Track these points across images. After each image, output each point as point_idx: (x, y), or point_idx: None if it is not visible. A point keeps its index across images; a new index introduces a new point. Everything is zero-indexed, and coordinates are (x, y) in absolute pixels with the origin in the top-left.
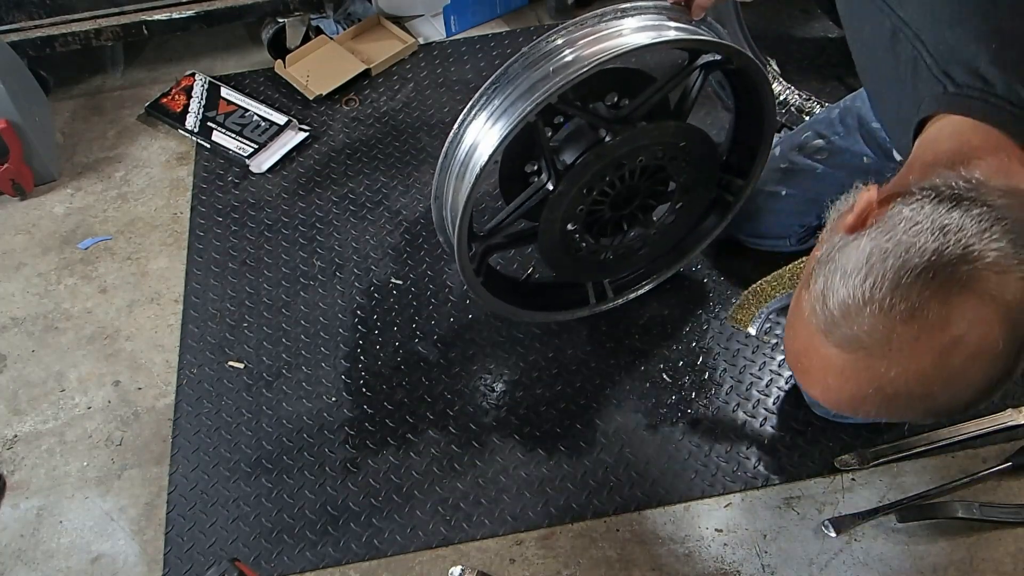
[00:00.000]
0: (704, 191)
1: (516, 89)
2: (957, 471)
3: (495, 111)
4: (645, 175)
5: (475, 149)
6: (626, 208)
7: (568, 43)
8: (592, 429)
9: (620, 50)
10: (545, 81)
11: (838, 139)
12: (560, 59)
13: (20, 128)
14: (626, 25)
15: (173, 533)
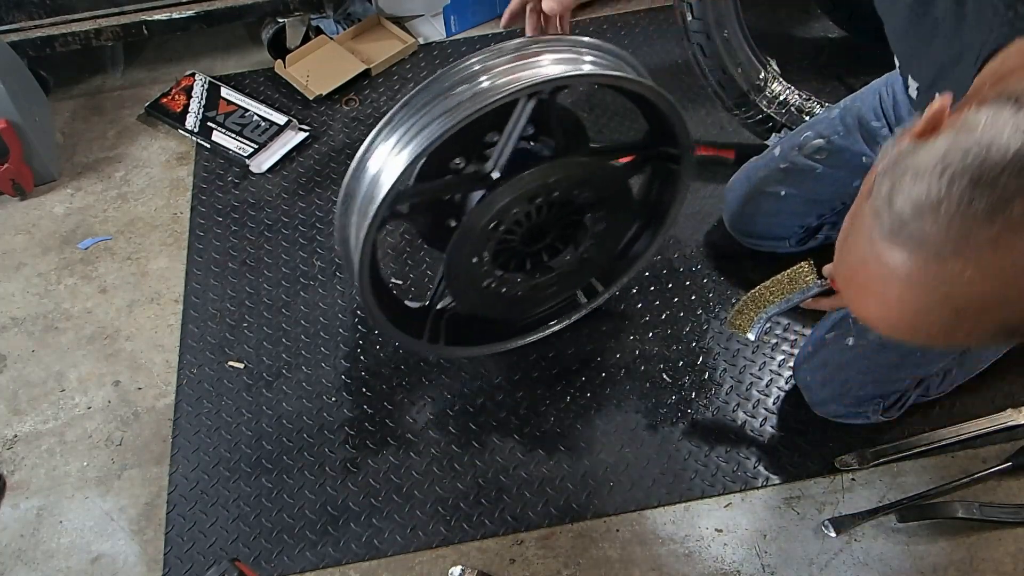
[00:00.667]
0: (619, 225)
1: (424, 117)
2: (957, 471)
3: (407, 133)
4: (558, 210)
5: (380, 175)
6: (539, 243)
7: (483, 71)
8: (592, 429)
9: (530, 81)
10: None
11: (838, 139)
12: (472, 88)
13: (20, 128)
14: (544, 57)
15: (173, 533)
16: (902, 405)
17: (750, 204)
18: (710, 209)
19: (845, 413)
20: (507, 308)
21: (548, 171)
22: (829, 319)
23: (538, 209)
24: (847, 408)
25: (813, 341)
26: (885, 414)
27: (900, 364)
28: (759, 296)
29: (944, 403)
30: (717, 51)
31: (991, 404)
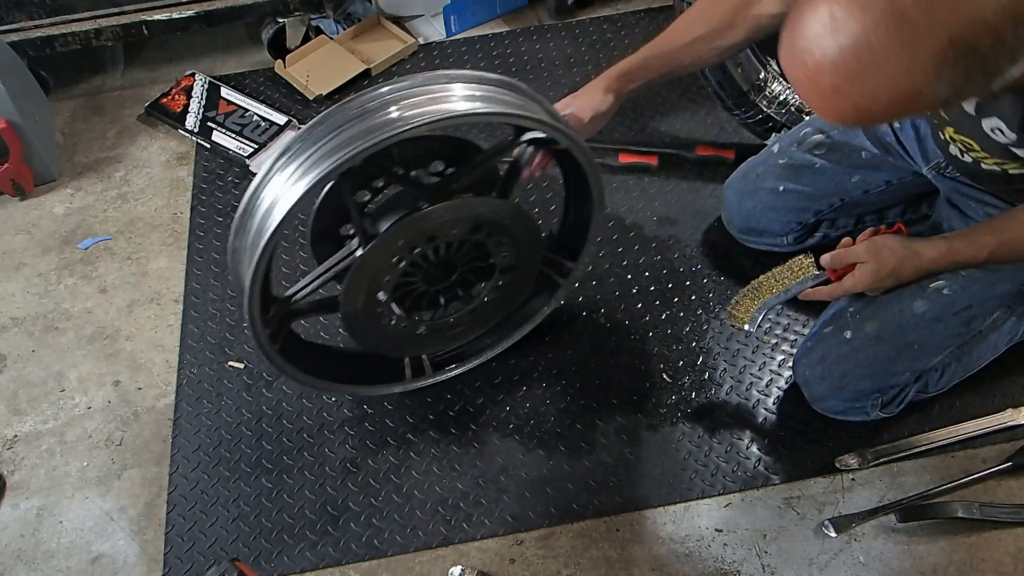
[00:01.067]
0: (528, 272)
1: (325, 146)
2: (957, 471)
3: (300, 167)
4: (463, 250)
5: (273, 207)
6: (443, 283)
7: (392, 102)
8: (592, 429)
9: (432, 117)
10: (351, 142)
11: (837, 133)
12: (377, 119)
13: (20, 128)
14: (455, 92)
15: (173, 533)
16: (901, 401)
17: (748, 200)
18: (710, 209)
19: (844, 409)
20: (414, 345)
21: (456, 207)
22: (827, 314)
23: (446, 246)
24: (846, 403)
25: (812, 336)
26: (884, 410)
27: (897, 357)
28: (758, 287)
29: (944, 403)
30: None
31: (991, 404)
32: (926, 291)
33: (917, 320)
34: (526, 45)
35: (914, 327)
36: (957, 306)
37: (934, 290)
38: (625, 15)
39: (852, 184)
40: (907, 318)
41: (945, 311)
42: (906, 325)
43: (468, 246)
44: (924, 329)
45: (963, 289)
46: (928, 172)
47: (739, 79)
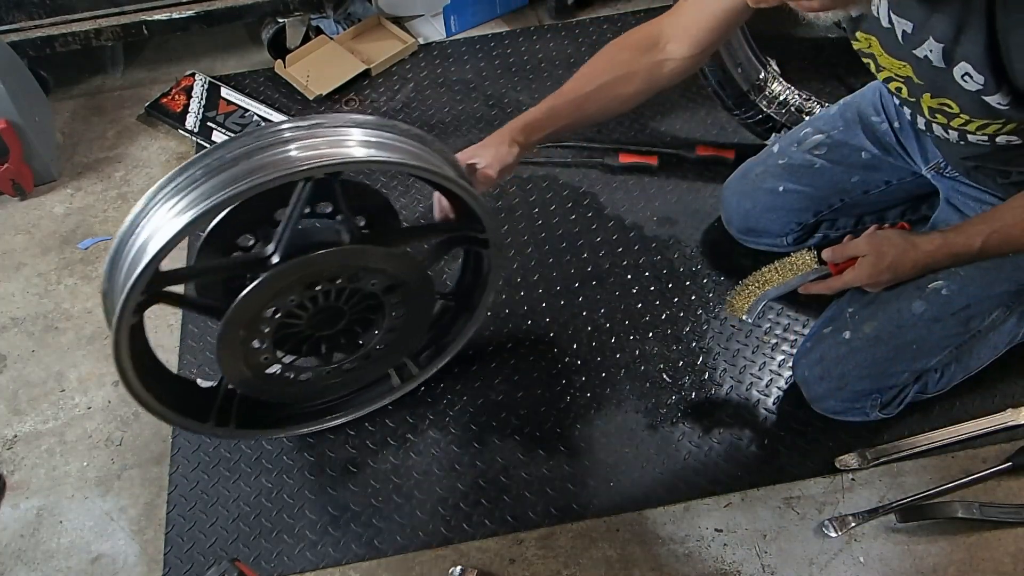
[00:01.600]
0: (415, 329)
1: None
2: (957, 471)
3: (185, 203)
4: (353, 299)
5: (149, 242)
6: (327, 329)
7: (292, 139)
8: (592, 429)
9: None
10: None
11: (837, 133)
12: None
13: (20, 128)
14: (353, 136)
15: (173, 533)
16: (900, 402)
17: (748, 200)
18: (710, 209)
19: (843, 409)
20: (301, 393)
21: (328, 258)
22: (826, 314)
23: (325, 295)
24: (845, 404)
25: (811, 336)
26: (883, 411)
27: (895, 357)
28: (758, 279)
29: (944, 403)
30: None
31: (991, 404)
32: (924, 291)
33: (915, 320)
34: (526, 45)
35: (912, 327)
36: (955, 306)
37: (932, 290)
38: (625, 15)
39: (852, 184)
40: (905, 318)
41: (943, 311)
42: (904, 325)
43: (359, 295)
44: (922, 329)
45: (961, 289)
46: (928, 172)
47: (739, 79)
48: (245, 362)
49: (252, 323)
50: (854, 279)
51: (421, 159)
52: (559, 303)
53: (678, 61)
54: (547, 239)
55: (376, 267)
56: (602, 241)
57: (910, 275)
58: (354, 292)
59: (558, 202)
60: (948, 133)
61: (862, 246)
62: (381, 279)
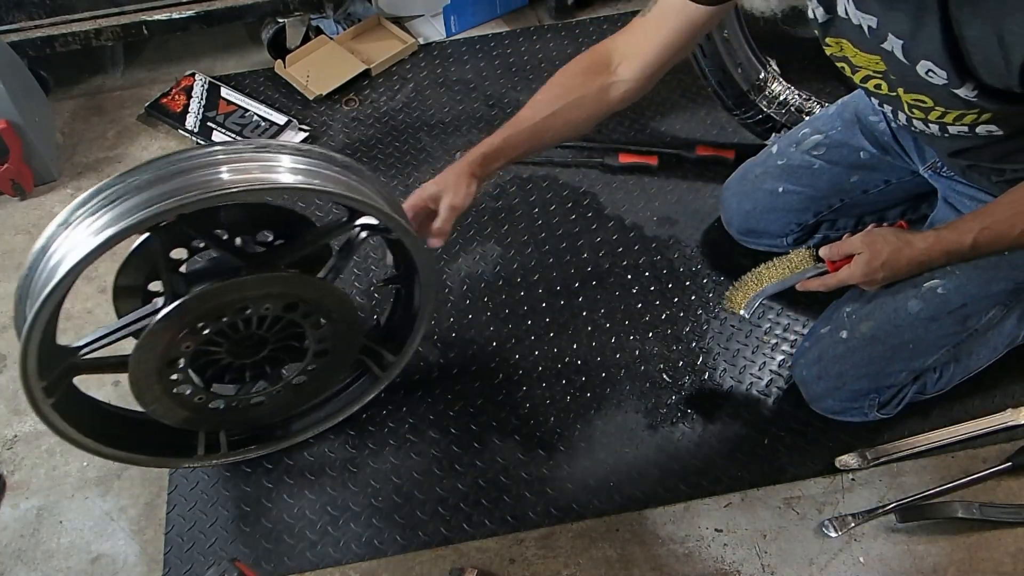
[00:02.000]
0: (344, 359)
1: (138, 197)
2: (957, 471)
3: (105, 218)
4: (276, 327)
5: (65, 257)
6: (250, 357)
7: (224, 163)
8: (592, 429)
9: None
10: (163, 198)
11: (836, 133)
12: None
13: (20, 128)
14: (285, 163)
15: (173, 533)
16: (899, 402)
17: (747, 201)
18: (710, 209)
19: (841, 408)
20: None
21: (270, 281)
22: (824, 314)
23: (258, 320)
24: (843, 403)
25: (809, 336)
26: (882, 411)
27: (892, 357)
28: (757, 275)
29: (944, 403)
30: (717, 51)
31: (991, 404)
32: (920, 290)
33: (912, 320)
34: (526, 45)
35: (909, 327)
36: (952, 305)
37: (928, 289)
38: (625, 15)
39: (851, 184)
40: (902, 318)
41: (940, 310)
42: (901, 325)
43: (282, 323)
44: (919, 328)
45: (958, 288)
46: (925, 171)
47: (739, 79)
48: (181, 405)
49: (162, 370)
50: (849, 276)
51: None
52: (559, 303)
53: (629, 83)
54: (547, 239)
55: (262, 294)
56: (602, 241)
57: (905, 273)
58: (279, 320)
59: (558, 202)
60: (928, 127)
61: (857, 244)
62: (275, 303)
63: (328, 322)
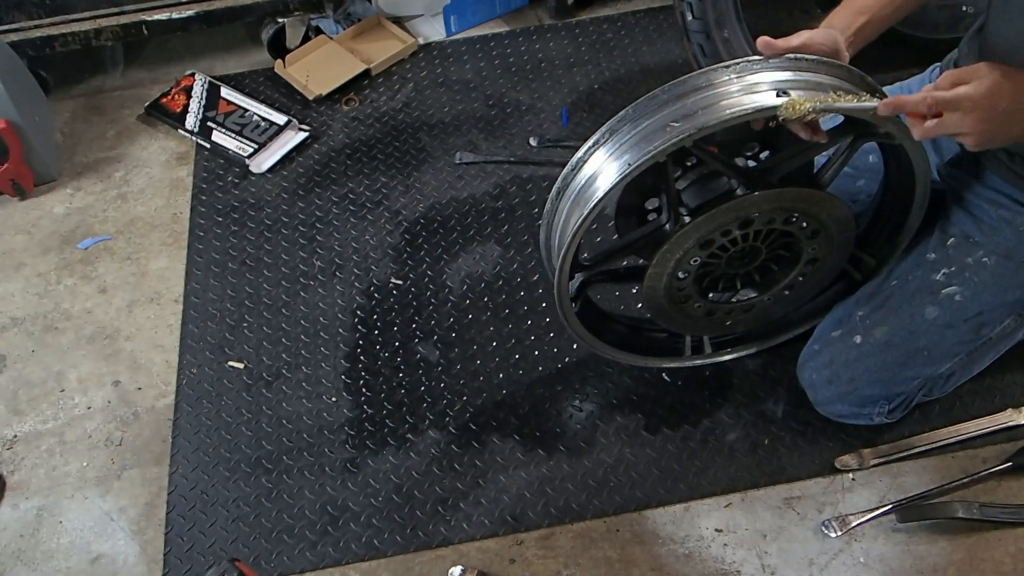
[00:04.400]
0: (831, 267)
1: (651, 124)
2: (957, 471)
3: (624, 142)
4: (771, 238)
5: (595, 179)
6: (743, 267)
7: (727, 82)
8: (592, 429)
9: (750, 110)
10: (684, 123)
11: None
12: (709, 99)
13: (20, 128)
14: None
15: (173, 533)
16: (906, 407)
17: None
18: None
19: (849, 413)
20: (703, 325)
21: (778, 195)
22: (833, 317)
23: (755, 233)
24: (852, 408)
25: (818, 339)
26: (889, 416)
27: (906, 363)
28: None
29: (944, 403)
30: (717, 51)
31: (991, 404)
32: (938, 296)
33: (928, 326)
34: (526, 45)
35: (925, 333)
36: (968, 312)
37: (946, 296)
38: (625, 15)
39: (856, 188)
40: (918, 323)
41: (956, 317)
42: (917, 331)
43: (776, 234)
44: (935, 335)
45: (975, 295)
46: (943, 169)
47: None
48: (668, 294)
49: (684, 256)
50: (971, 94)
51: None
52: None
53: None
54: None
55: (767, 209)
56: (602, 241)
57: None
58: (775, 232)
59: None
60: None
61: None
62: (778, 216)
63: (823, 232)
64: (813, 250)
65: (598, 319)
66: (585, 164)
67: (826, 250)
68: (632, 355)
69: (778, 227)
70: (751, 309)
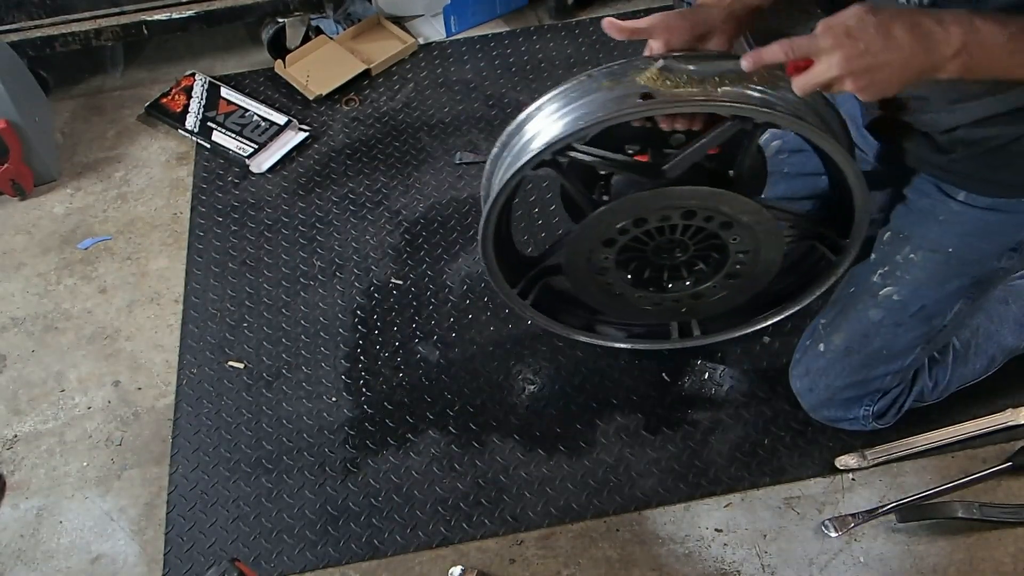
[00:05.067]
0: (770, 254)
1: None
2: (957, 471)
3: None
4: (688, 232)
5: (532, 140)
6: (672, 259)
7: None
8: (592, 429)
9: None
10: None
11: (791, 137)
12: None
13: (20, 128)
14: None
15: (173, 533)
16: (897, 411)
17: None
18: None
19: (839, 417)
20: (616, 308)
21: (715, 196)
22: (811, 325)
23: (684, 228)
24: (839, 411)
25: (799, 348)
26: (880, 421)
27: (870, 364)
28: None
29: (944, 403)
30: None
31: (991, 404)
32: (878, 299)
33: (877, 327)
34: (526, 45)
35: (876, 334)
36: (911, 309)
37: (884, 297)
38: (625, 15)
39: (822, 183)
40: (867, 326)
41: (901, 315)
42: (869, 334)
43: (708, 238)
44: (887, 335)
45: (912, 293)
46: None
47: None
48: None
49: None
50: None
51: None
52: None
53: None
54: (547, 239)
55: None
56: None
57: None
58: (706, 236)
59: (557, 202)
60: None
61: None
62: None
63: (737, 224)
64: (735, 240)
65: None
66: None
67: (750, 239)
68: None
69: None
70: (700, 296)
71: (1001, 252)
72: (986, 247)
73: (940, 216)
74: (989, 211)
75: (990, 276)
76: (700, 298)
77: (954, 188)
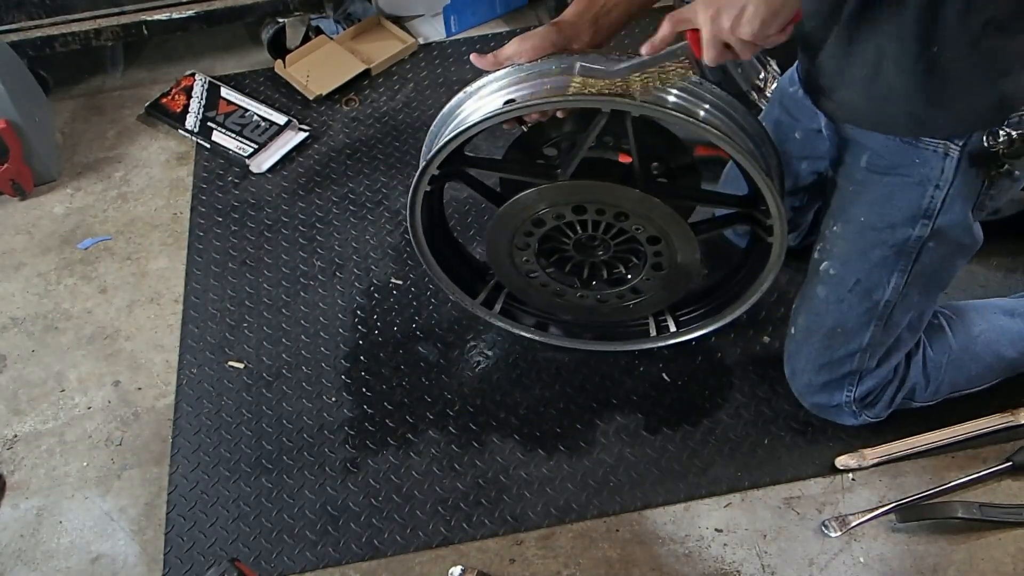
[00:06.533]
0: (682, 245)
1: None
2: (957, 471)
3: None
4: (613, 234)
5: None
6: (588, 257)
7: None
8: (592, 429)
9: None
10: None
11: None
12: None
13: (20, 128)
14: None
15: (173, 533)
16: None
17: None
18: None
19: (824, 403)
20: (556, 305)
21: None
22: None
23: (589, 223)
24: (822, 397)
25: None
26: (869, 412)
27: (830, 344)
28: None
29: (944, 403)
30: None
31: (991, 404)
32: (820, 275)
33: (825, 305)
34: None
35: (826, 312)
36: (848, 283)
37: (824, 272)
38: None
39: (803, 170)
40: (816, 304)
41: (841, 290)
42: (820, 312)
43: (621, 233)
44: (835, 312)
45: (844, 265)
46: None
47: (739, 79)
48: (511, 259)
49: (522, 225)
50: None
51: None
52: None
53: None
54: None
55: (643, 215)
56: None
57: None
58: (619, 231)
59: None
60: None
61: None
62: (647, 227)
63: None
64: (638, 230)
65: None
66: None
67: (651, 227)
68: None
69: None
70: (639, 291)
71: (910, 219)
72: (893, 214)
73: (850, 187)
74: (888, 176)
75: (912, 247)
76: (640, 293)
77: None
